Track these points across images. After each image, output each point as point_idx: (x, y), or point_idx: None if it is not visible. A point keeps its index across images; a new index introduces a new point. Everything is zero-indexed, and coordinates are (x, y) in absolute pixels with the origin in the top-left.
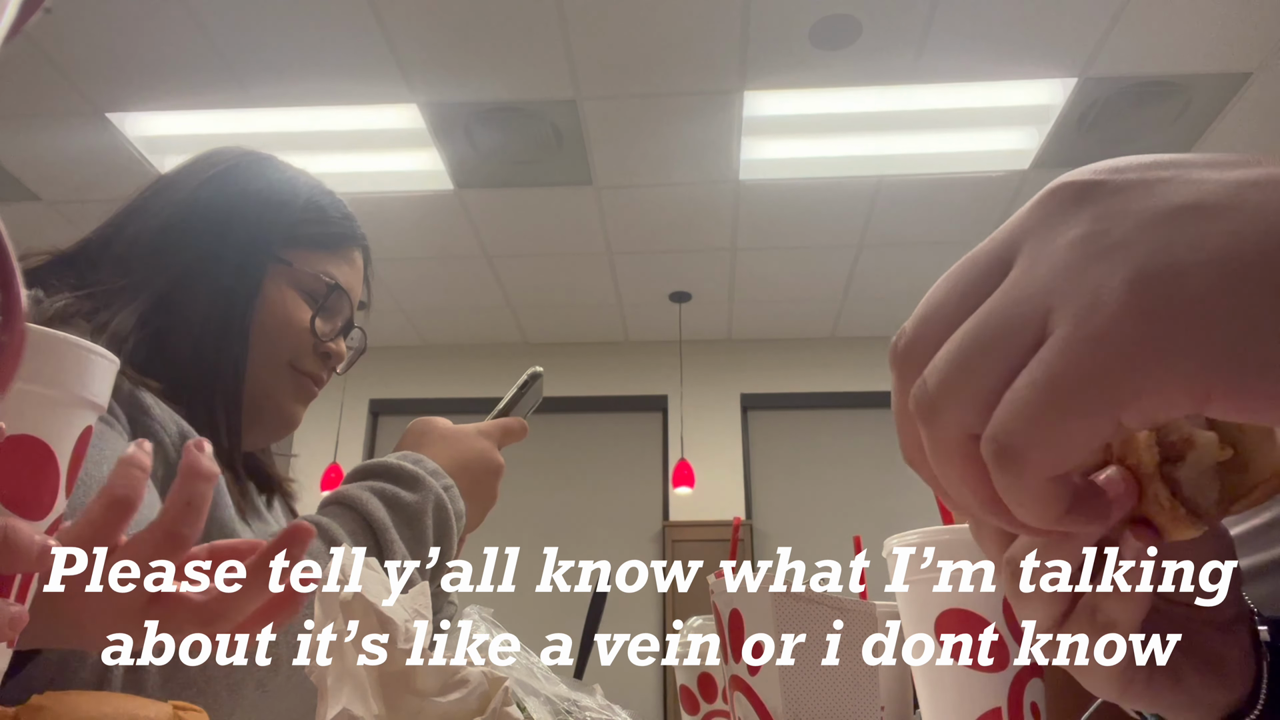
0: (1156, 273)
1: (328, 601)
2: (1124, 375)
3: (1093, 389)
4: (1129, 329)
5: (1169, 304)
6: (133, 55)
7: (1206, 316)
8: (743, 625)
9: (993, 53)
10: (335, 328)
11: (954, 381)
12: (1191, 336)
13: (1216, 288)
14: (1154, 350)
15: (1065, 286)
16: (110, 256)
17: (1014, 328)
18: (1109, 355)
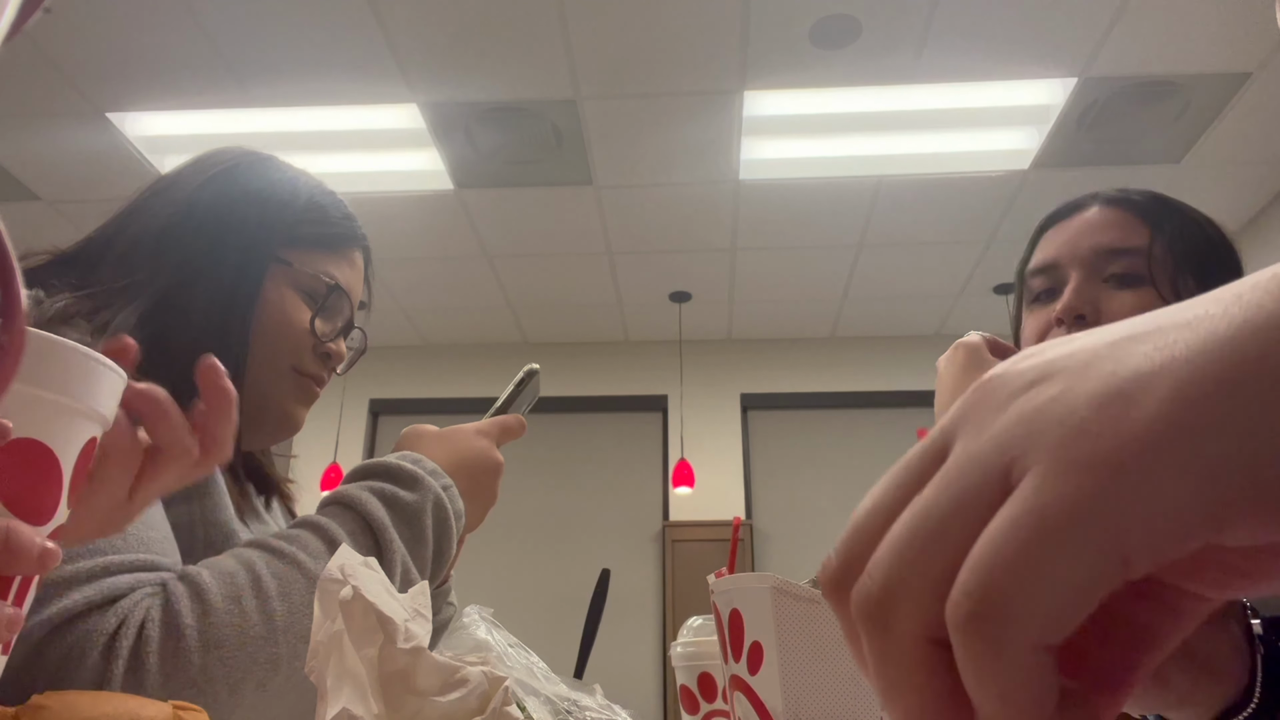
0: (1118, 393)
1: (327, 600)
2: (1129, 497)
3: (1091, 518)
4: (1131, 443)
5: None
6: (133, 55)
7: (1190, 434)
8: (743, 625)
9: (993, 53)
10: (335, 328)
11: (904, 570)
12: (1204, 445)
13: (1191, 398)
14: (1165, 465)
15: (1024, 432)
16: (111, 257)
17: (969, 496)
18: (1106, 476)
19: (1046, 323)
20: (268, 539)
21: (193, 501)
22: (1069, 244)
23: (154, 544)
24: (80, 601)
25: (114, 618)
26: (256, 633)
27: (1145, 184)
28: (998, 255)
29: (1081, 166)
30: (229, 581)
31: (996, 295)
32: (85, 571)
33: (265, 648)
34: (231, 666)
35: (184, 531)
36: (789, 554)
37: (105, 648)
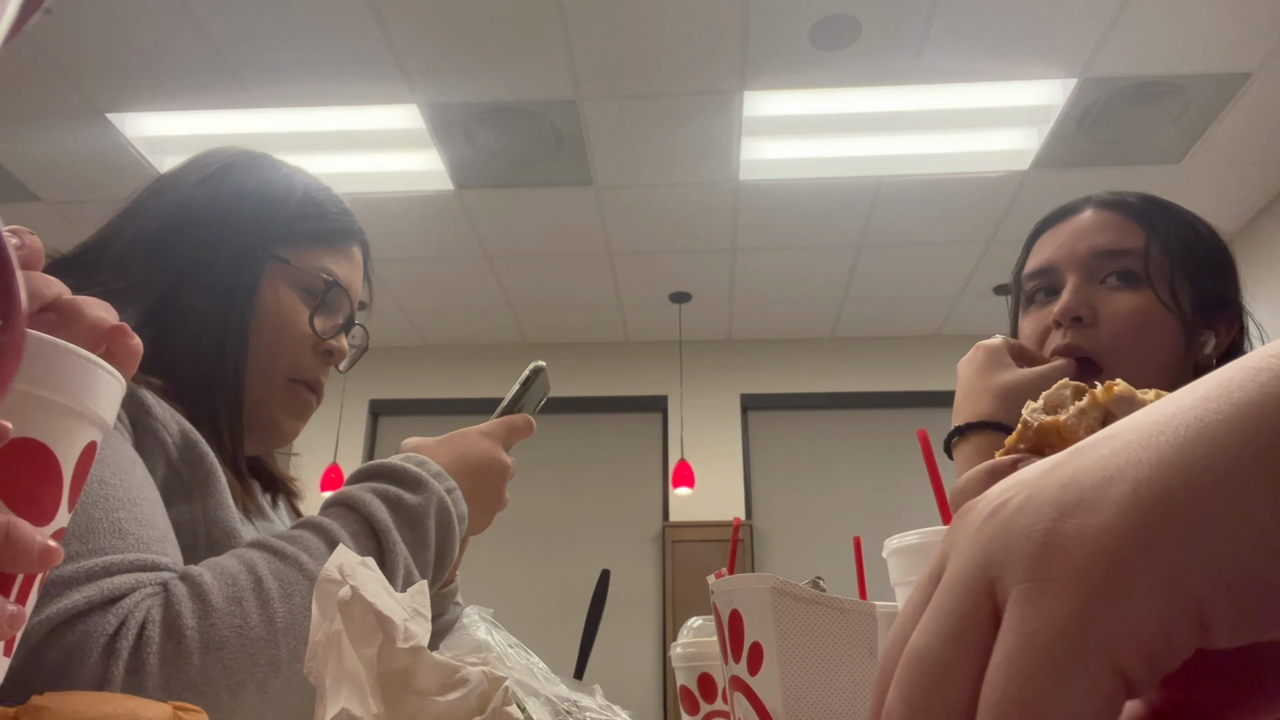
0: (1072, 508)
1: (326, 600)
2: (1109, 611)
3: (1080, 641)
4: (1098, 553)
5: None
6: (133, 55)
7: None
8: (743, 625)
9: (993, 53)
10: (335, 325)
11: (917, 711)
12: (1166, 546)
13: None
14: (1135, 571)
15: (998, 547)
16: (110, 258)
17: (961, 625)
18: (1082, 594)
19: (1044, 325)
20: (269, 539)
21: (194, 500)
22: (1065, 247)
23: (155, 544)
24: (80, 602)
25: (114, 618)
26: (257, 634)
27: (1145, 184)
28: (998, 255)
29: (1081, 167)
30: (230, 582)
31: (996, 295)
32: (85, 571)
33: (266, 649)
34: (232, 667)
35: (185, 531)
36: (789, 554)
37: (105, 648)
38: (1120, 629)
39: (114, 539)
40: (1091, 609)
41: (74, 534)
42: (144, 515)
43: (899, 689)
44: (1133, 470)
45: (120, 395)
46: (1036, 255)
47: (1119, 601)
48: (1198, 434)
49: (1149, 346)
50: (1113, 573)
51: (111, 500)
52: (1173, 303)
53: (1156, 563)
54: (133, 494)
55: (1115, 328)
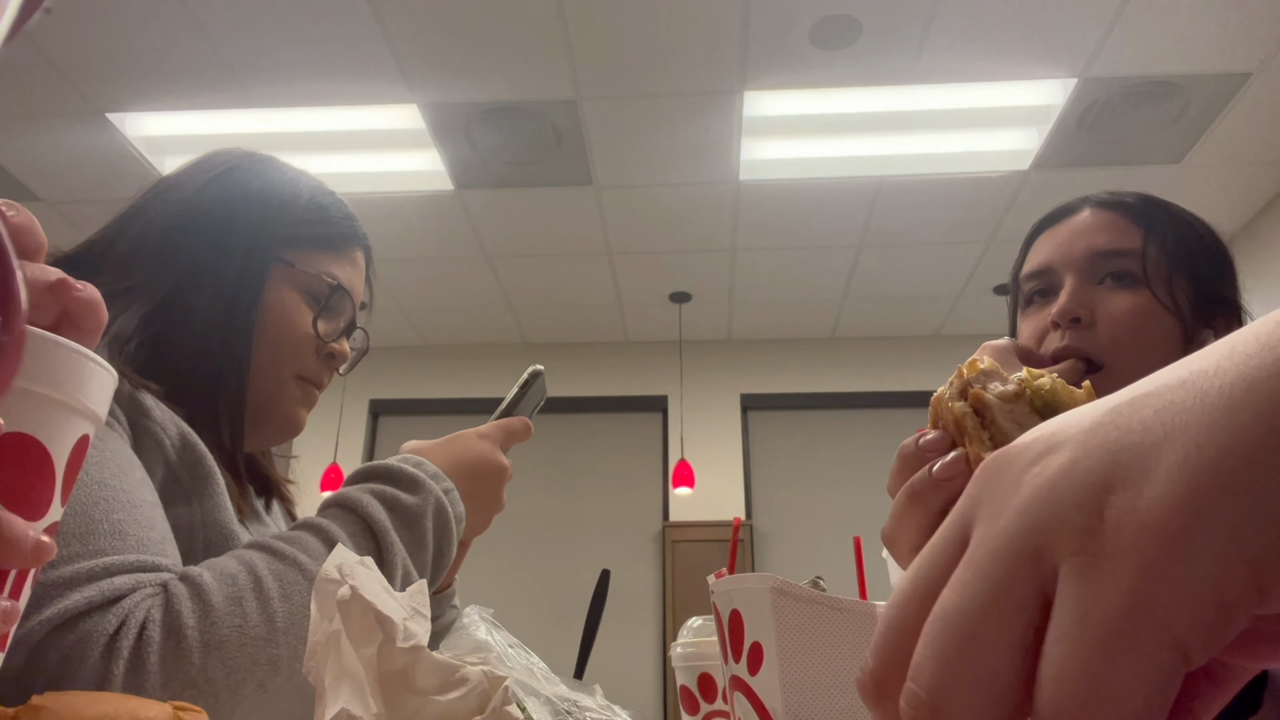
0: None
1: (325, 600)
2: (1168, 586)
3: (1141, 617)
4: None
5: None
6: (133, 55)
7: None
8: (743, 625)
9: (993, 53)
10: (338, 328)
11: (951, 676)
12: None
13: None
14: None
15: (1048, 516)
16: (112, 259)
17: (1002, 591)
18: (1140, 570)
19: (1043, 326)
20: (269, 540)
21: (193, 502)
22: (1062, 247)
23: (154, 545)
24: (81, 602)
25: (114, 618)
26: (257, 634)
27: (1145, 184)
28: (998, 255)
29: (1081, 167)
30: (230, 582)
31: (996, 295)
32: (85, 572)
33: (266, 649)
34: (232, 667)
35: (184, 532)
36: (789, 554)
37: (105, 648)
38: (1178, 602)
39: (114, 540)
40: (1149, 584)
41: (74, 535)
42: (143, 517)
43: (931, 647)
44: (1181, 434)
45: (112, 387)
46: (1034, 256)
47: (1176, 574)
48: (1244, 391)
49: (1148, 347)
50: (1168, 545)
51: (111, 502)
52: (1171, 303)
53: (1212, 531)
54: (132, 496)
55: (1114, 329)
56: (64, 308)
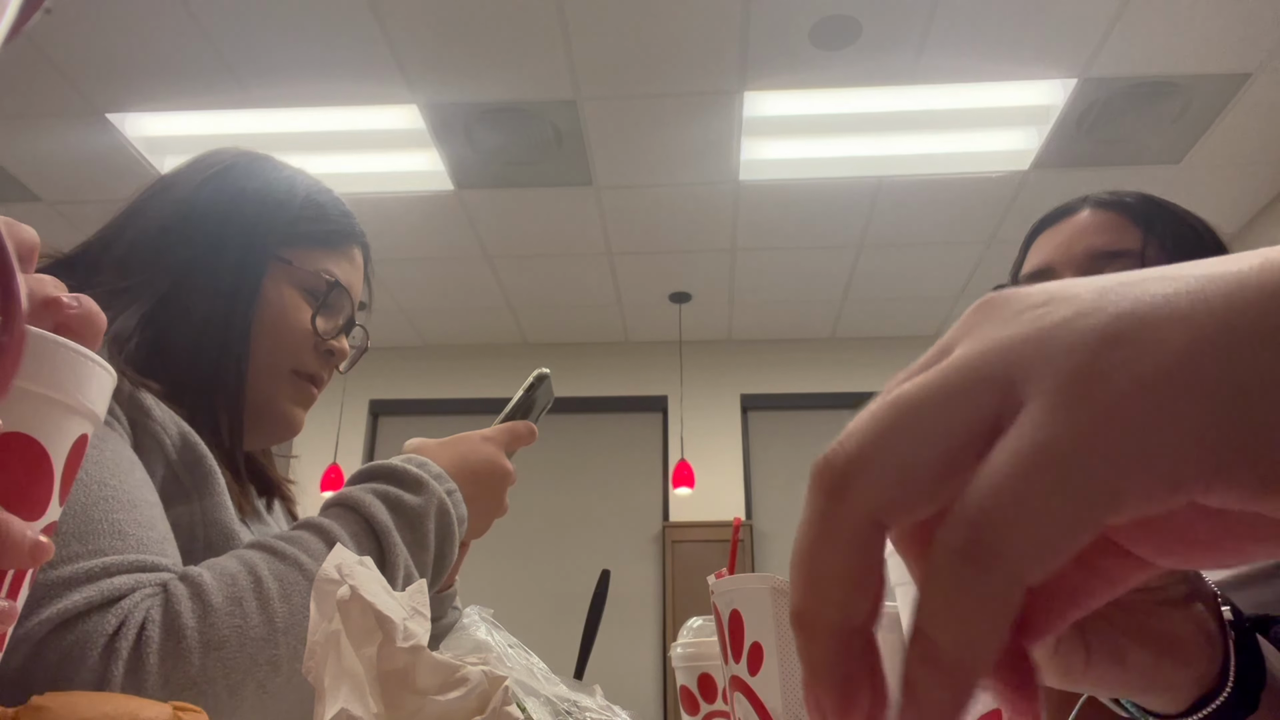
0: (1126, 336)
1: (324, 600)
2: (1132, 444)
3: (1092, 461)
4: (1141, 389)
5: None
6: (133, 55)
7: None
8: (743, 625)
9: (993, 53)
10: (336, 325)
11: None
12: (1213, 400)
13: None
14: (1171, 416)
15: (1034, 351)
16: (110, 259)
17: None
18: (1112, 420)
19: None
20: (269, 540)
21: (193, 502)
22: (1062, 248)
23: (154, 544)
24: (80, 602)
25: (114, 618)
26: (257, 634)
27: (1145, 184)
28: (998, 255)
29: (1081, 167)
30: (230, 582)
31: None
32: (85, 572)
33: (266, 649)
34: (232, 668)
35: (184, 532)
36: (789, 554)
37: (105, 648)
38: (1135, 464)
39: (114, 540)
40: (1116, 437)
41: (73, 535)
42: (143, 516)
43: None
44: (1193, 318)
45: (111, 387)
46: (1034, 256)
47: (1145, 436)
48: (1256, 291)
49: None
50: (1148, 410)
51: (111, 501)
52: None
53: (1194, 412)
54: (132, 495)
55: None
56: (58, 323)
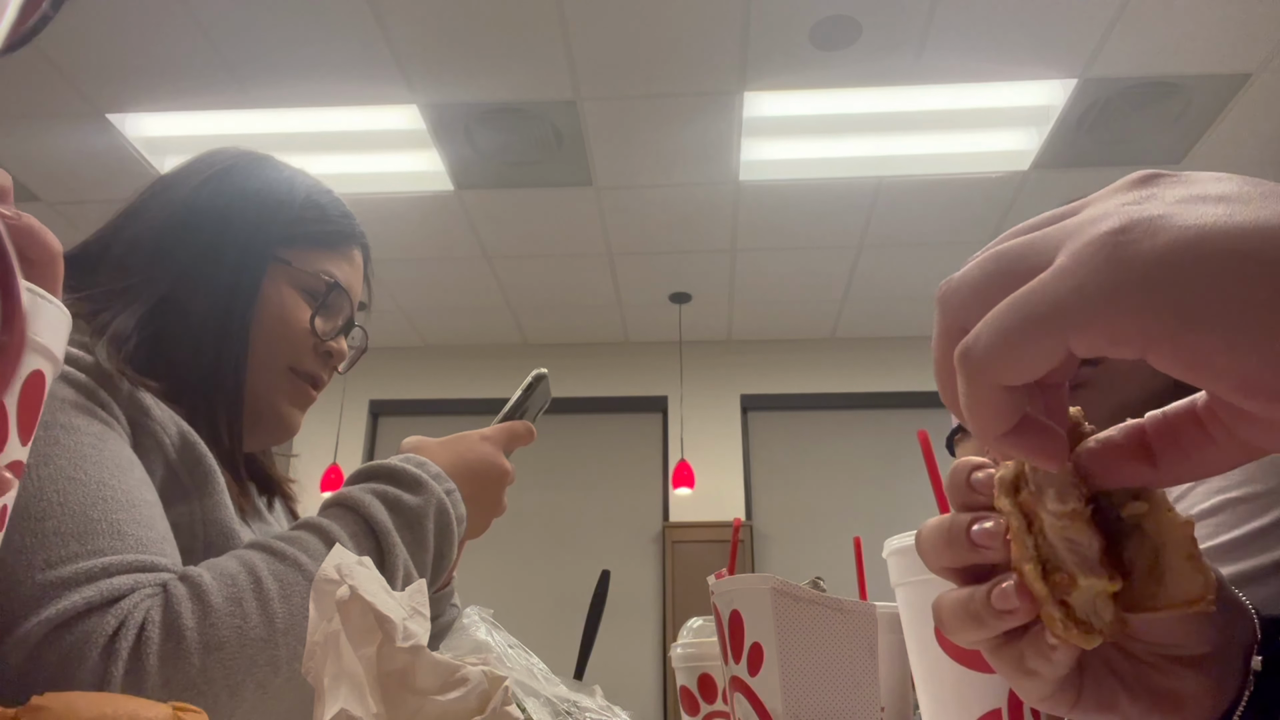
0: (1136, 226)
1: (323, 600)
2: (1079, 303)
3: (1050, 309)
4: (1095, 267)
5: (1135, 254)
6: (133, 56)
7: (1161, 270)
8: (743, 625)
9: (993, 53)
10: (335, 326)
11: (964, 288)
12: (1143, 285)
13: (1178, 248)
14: (1108, 288)
15: (1081, 229)
16: (110, 259)
17: (1027, 255)
18: (1072, 284)
19: None
20: (269, 540)
21: (193, 501)
22: None
23: (153, 544)
24: (80, 602)
25: (114, 619)
26: (257, 634)
27: None
28: None
29: (1081, 167)
30: (230, 583)
31: None
32: (84, 572)
33: (265, 649)
34: (231, 668)
35: (184, 531)
36: (789, 555)
37: (105, 649)
38: (1094, 323)
39: (113, 540)
40: (1084, 294)
41: (73, 535)
42: (143, 516)
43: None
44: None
45: (65, 325)
46: None
47: (1107, 309)
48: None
49: None
50: (1138, 278)
51: (110, 501)
52: None
53: (1170, 288)
54: (131, 495)
55: None
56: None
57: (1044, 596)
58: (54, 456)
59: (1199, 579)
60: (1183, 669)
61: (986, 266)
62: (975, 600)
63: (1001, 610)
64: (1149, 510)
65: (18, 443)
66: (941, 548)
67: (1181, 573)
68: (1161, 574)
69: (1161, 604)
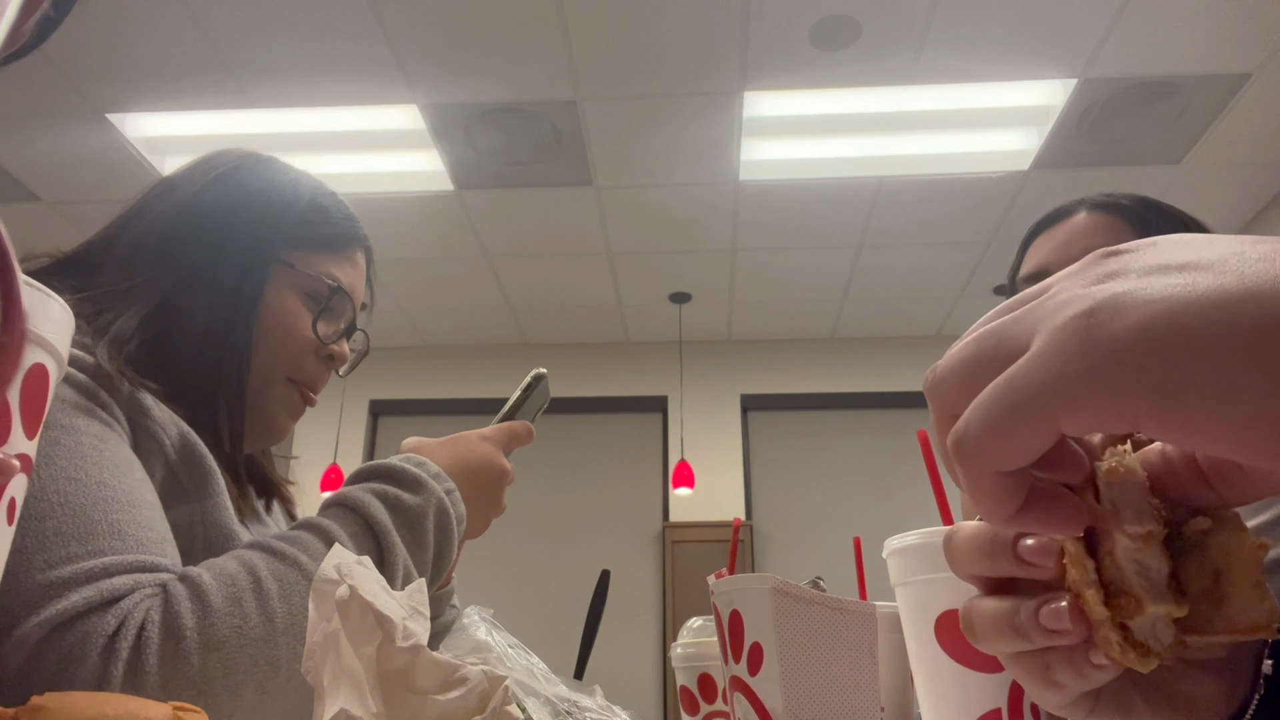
0: (1103, 308)
1: (323, 600)
2: (1060, 389)
3: (1034, 396)
4: (1070, 353)
5: (1106, 335)
6: (133, 56)
7: (1135, 350)
8: (743, 625)
9: (993, 53)
10: (338, 330)
11: (950, 377)
12: (1120, 367)
13: (1149, 326)
14: (1085, 374)
15: (1051, 314)
16: (113, 259)
17: (1004, 339)
18: (1051, 370)
19: None
20: (269, 540)
21: (192, 502)
22: (1059, 250)
23: (153, 545)
24: (79, 603)
25: (113, 619)
26: (257, 634)
27: (1145, 185)
28: (998, 256)
29: (1081, 167)
30: (229, 583)
31: (996, 296)
32: (84, 572)
33: (265, 649)
34: (231, 668)
35: (183, 532)
36: (789, 555)
37: (104, 649)
38: (1077, 408)
39: (113, 540)
40: (1067, 381)
41: (72, 535)
42: (142, 517)
43: (964, 342)
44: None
45: (67, 319)
46: (1031, 259)
47: (1087, 391)
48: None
49: None
50: (1107, 357)
51: (110, 502)
52: None
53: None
54: (131, 495)
55: None
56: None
57: (1104, 620)
58: (54, 457)
59: (1264, 606)
60: (1200, 673)
61: (966, 352)
62: (1021, 616)
63: (1052, 630)
64: (1213, 528)
65: (23, 436)
66: (979, 558)
67: (1247, 599)
68: (1222, 596)
69: (1222, 628)
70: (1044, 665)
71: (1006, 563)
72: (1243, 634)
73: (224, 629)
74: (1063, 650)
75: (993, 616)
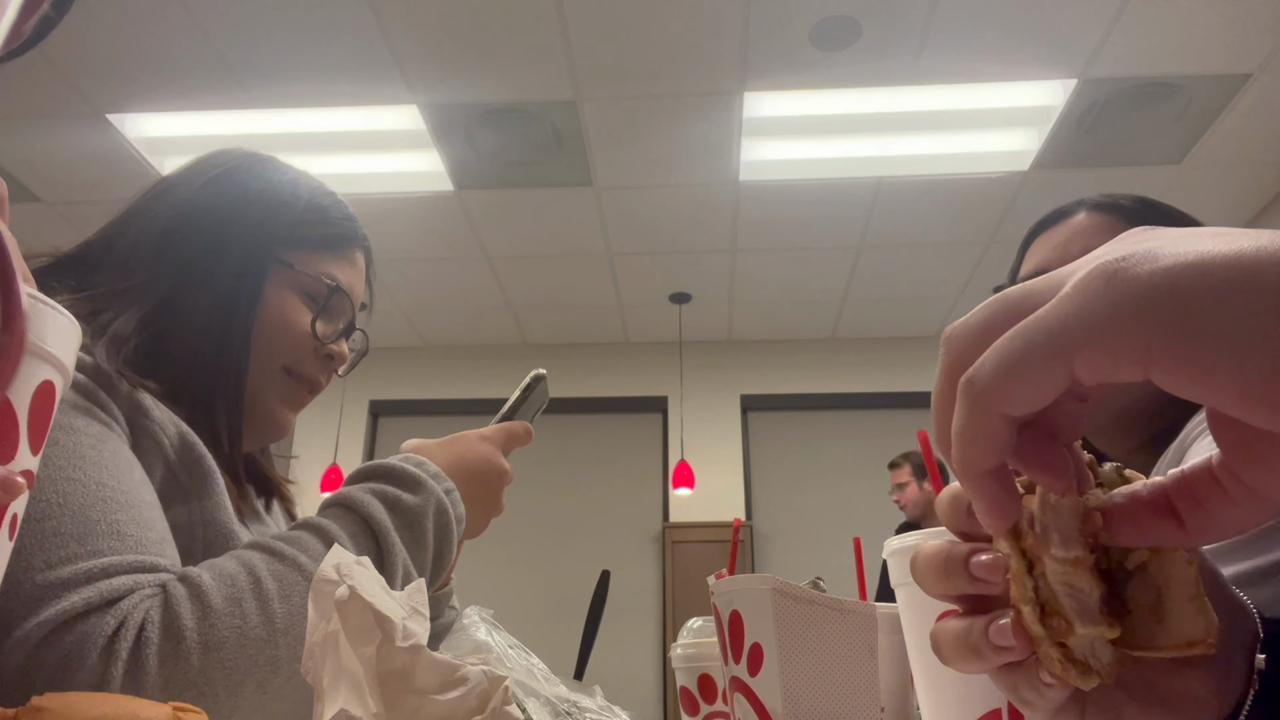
0: (1135, 254)
1: (322, 600)
2: (1081, 324)
3: (1053, 333)
4: (1096, 290)
5: (1135, 275)
6: (133, 56)
7: (1162, 288)
8: (743, 625)
9: (993, 53)
10: (337, 330)
11: (969, 327)
12: (1144, 302)
13: (1178, 269)
14: (1109, 306)
15: (1079, 269)
16: (112, 259)
17: (1030, 294)
18: (1073, 308)
19: None
20: (268, 540)
21: (192, 502)
22: (1059, 250)
23: (153, 545)
24: (79, 603)
25: (113, 619)
26: (256, 634)
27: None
28: (998, 256)
29: (1081, 167)
30: (229, 583)
31: None
32: (84, 573)
33: (265, 649)
34: (231, 668)
35: (183, 532)
36: (789, 555)
37: (104, 649)
38: (1094, 351)
39: (112, 541)
40: (1086, 323)
41: (72, 536)
42: (142, 517)
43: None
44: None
45: (74, 334)
46: (1031, 259)
47: (1109, 327)
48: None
49: None
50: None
51: (109, 502)
52: None
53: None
54: (130, 496)
55: None
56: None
57: (1041, 638)
58: (53, 457)
59: (1201, 621)
60: (1189, 671)
61: (991, 308)
62: (973, 633)
63: (999, 646)
64: (1151, 555)
65: (28, 452)
66: (938, 576)
67: (1184, 614)
68: (1164, 613)
69: (1163, 643)
70: (1014, 685)
71: (961, 580)
72: (1182, 649)
73: (224, 629)
74: (1026, 671)
75: (953, 636)
